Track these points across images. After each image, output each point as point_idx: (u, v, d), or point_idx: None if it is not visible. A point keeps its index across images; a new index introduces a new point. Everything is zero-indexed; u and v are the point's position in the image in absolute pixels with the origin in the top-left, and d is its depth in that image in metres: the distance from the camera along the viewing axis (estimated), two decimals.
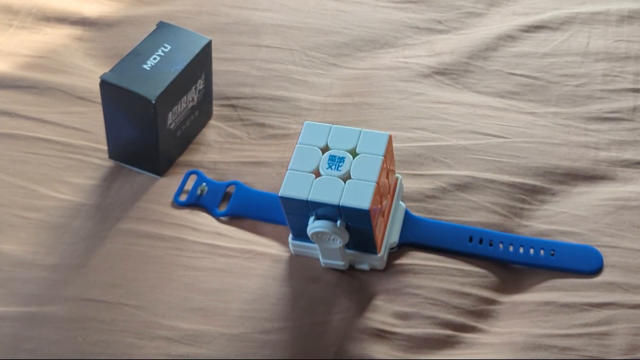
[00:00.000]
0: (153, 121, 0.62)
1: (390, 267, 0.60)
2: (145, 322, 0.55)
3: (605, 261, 0.60)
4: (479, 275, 0.60)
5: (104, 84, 0.62)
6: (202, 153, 0.69)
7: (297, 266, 0.59)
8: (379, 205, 0.54)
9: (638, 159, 0.70)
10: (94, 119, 0.70)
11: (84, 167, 0.67)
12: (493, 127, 0.72)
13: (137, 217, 0.63)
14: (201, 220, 0.63)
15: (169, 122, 0.64)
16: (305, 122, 0.57)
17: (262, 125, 0.72)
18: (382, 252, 0.58)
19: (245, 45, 0.81)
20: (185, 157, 0.69)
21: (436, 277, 0.59)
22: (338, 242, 0.55)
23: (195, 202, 0.64)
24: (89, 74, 0.76)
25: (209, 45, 0.67)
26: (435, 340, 0.56)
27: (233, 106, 0.74)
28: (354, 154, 0.54)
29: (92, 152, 0.68)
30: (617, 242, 0.62)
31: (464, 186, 0.66)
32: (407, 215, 0.61)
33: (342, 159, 0.54)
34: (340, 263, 0.58)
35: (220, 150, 0.69)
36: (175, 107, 0.65)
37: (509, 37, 0.83)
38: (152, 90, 0.61)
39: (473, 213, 0.64)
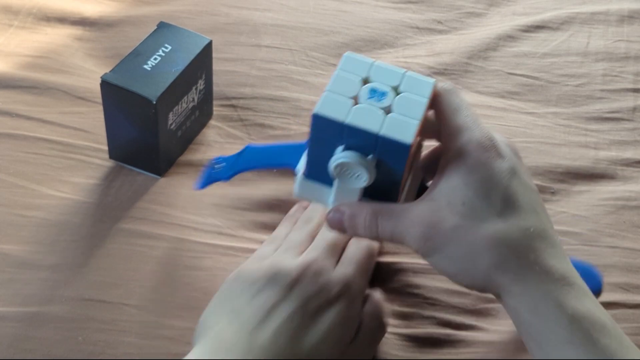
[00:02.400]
0: (154, 121, 0.62)
1: (390, 266, 0.60)
2: (145, 322, 0.55)
3: (605, 261, 0.60)
4: None
5: (105, 84, 0.62)
6: (202, 153, 0.69)
7: None
8: (412, 152, 0.49)
9: (638, 159, 0.70)
10: (94, 119, 0.70)
11: (84, 167, 0.67)
12: (493, 127, 0.72)
13: (137, 217, 0.63)
14: (201, 220, 0.63)
15: (170, 122, 0.64)
16: (347, 52, 0.52)
17: (262, 125, 0.72)
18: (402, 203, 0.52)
19: (245, 45, 0.81)
20: (186, 157, 0.69)
21: (436, 277, 0.59)
22: (363, 180, 0.48)
23: (212, 179, 0.59)
24: (89, 74, 0.76)
25: (209, 46, 0.67)
26: (436, 340, 0.56)
27: (233, 106, 0.74)
28: (396, 91, 0.50)
29: (92, 152, 0.68)
30: (617, 242, 0.62)
31: None
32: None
33: (384, 93, 0.49)
34: None
35: (220, 151, 0.69)
36: (176, 108, 0.65)
37: (509, 37, 0.83)
38: (153, 91, 0.61)
39: None
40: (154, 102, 0.61)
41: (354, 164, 0.47)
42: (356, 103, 0.48)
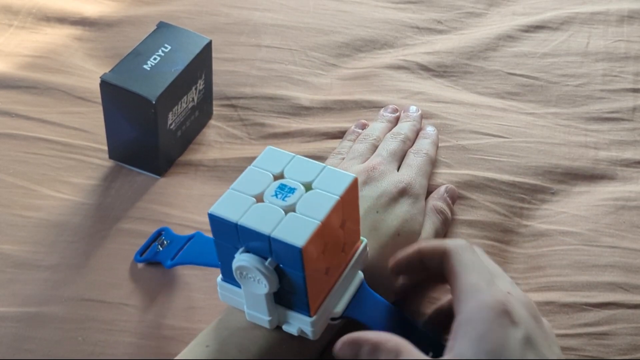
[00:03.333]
0: (153, 121, 0.62)
1: None
2: (145, 322, 0.55)
3: (605, 261, 0.60)
4: None
5: (104, 84, 0.62)
6: (202, 153, 0.69)
7: None
8: (322, 255, 0.45)
9: (638, 159, 0.70)
10: (94, 119, 0.70)
11: (84, 167, 0.67)
12: (493, 127, 0.72)
13: (137, 217, 0.63)
14: (201, 219, 0.63)
15: (169, 122, 0.64)
16: (268, 146, 0.49)
17: (262, 125, 0.72)
18: (317, 317, 0.47)
19: (245, 45, 0.81)
20: (185, 157, 0.69)
21: None
22: (264, 287, 0.45)
23: (152, 258, 0.59)
24: (89, 74, 0.76)
25: (209, 46, 0.67)
26: None
27: (233, 106, 0.74)
28: (308, 188, 0.46)
29: (92, 152, 0.68)
30: (617, 242, 0.62)
31: (464, 185, 0.66)
32: (363, 289, 0.50)
33: (292, 190, 0.45)
34: (265, 318, 0.47)
35: (220, 150, 0.69)
36: (176, 107, 0.65)
37: (509, 37, 0.83)
38: (152, 91, 0.61)
39: (473, 212, 0.64)
40: (154, 102, 0.61)
41: (251, 267, 0.44)
42: (260, 201, 0.45)
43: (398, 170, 0.61)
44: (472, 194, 0.65)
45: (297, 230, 0.43)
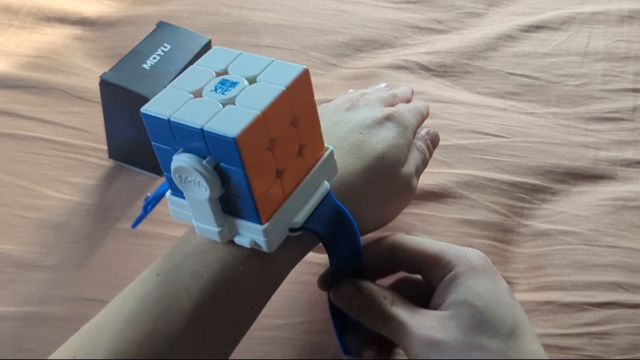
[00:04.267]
0: None
1: None
2: None
3: (606, 261, 0.60)
4: None
5: (104, 83, 0.62)
6: None
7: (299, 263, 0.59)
8: (267, 152, 0.40)
9: (638, 159, 0.70)
10: (94, 119, 0.70)
11: (84, 167, 0.67)
12: (493, 127, 0.72)
13: (136, 216, 0.62)
14: None
15: None
16: (215, 46, 0.45)
17: None
18: (270, 225, 0.42)
19: (245, 45, 0.81)
20: None
21: None
22: (205, 190, 0.40)
23: (143, 216, 0.54)
24: (89, 74, 0.76)
25: (208, 45, 0.67)
26: None
27: None
28: (253, 82, 0.41)
29: (92, 152, 0.68)
30: (617, 242, 0.62)
31: (464, 185, 0.66)
32: (328, 199, 0.45)
33: (234, 84, 0.41)
34: (213, 229, 0.42)
35: None
36: None
37: (509, 37, 0.83)
38: (151, 90, 0.61)
39: (473, 211, 0.64)
40: None
41: (188, 168, 0.40)
42: (199, 97, 0.41)
43: None
44: (473, 194, 0.65)
45: (232, 122, 0.38)
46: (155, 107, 0.40)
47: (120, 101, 0.62)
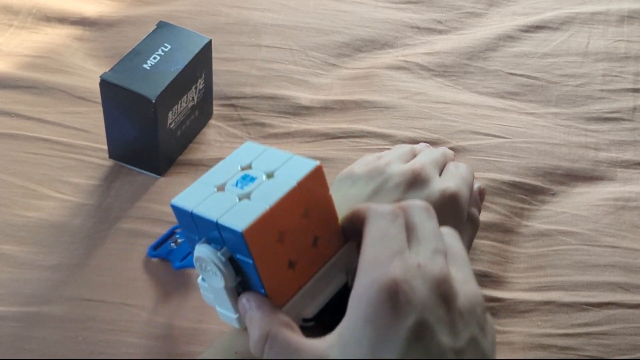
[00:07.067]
0: (153, 121, 0.62)
1: None
2: (146, 321, 0.55)
3: (606, 261, 0.60)
4: (479, 274, 0.60)
5: (104, 83, 0.62)
6: (202, 152, 0.69)
7: None
8: (278, 244, 0.42)
9: (638, 159, 0.70)
10: (94, 119, 0.70)
11: (84, 167, 0.67)
12: (493, 128, 0.72)
13: (137, 217, 0.62)
14: None
15: (169, 121, 0.64)
16: (247, 141, 0.48)
17: (263, 124, 0.72)
18: None
19: (245, 45, 0.81)
20: (186, 157, 0.69)
21: None
22: (220, 280, 0.42)
23: (165, 255, 0.59)
24: (89, 74, 0.76)
25: (209, 45, 0.67)
26: None
27: (233, 106, 0.74)
28: (270, 176, 0.44)
29: (92, 152, 0.68)
30: (617, 242, 0.62)
31: None
32: (343, 294, 0.44)
33: (253, 179, 0.43)
34: (232, 315, 0.44)
35: (220, 150, 0.69)
36: (175, 107, 0.65)
37: (509, 37, 0.83)
38: (152, 90, 0.61)
39: None
40: (153, 101, 0.61)
41: (206, 259, 0.42)
42: (221, 191, 0.43)
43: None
44: None
45: (243, 215, 0.41)
46: (183, 199, 0.43)
47: (121, 101, 0.62)
